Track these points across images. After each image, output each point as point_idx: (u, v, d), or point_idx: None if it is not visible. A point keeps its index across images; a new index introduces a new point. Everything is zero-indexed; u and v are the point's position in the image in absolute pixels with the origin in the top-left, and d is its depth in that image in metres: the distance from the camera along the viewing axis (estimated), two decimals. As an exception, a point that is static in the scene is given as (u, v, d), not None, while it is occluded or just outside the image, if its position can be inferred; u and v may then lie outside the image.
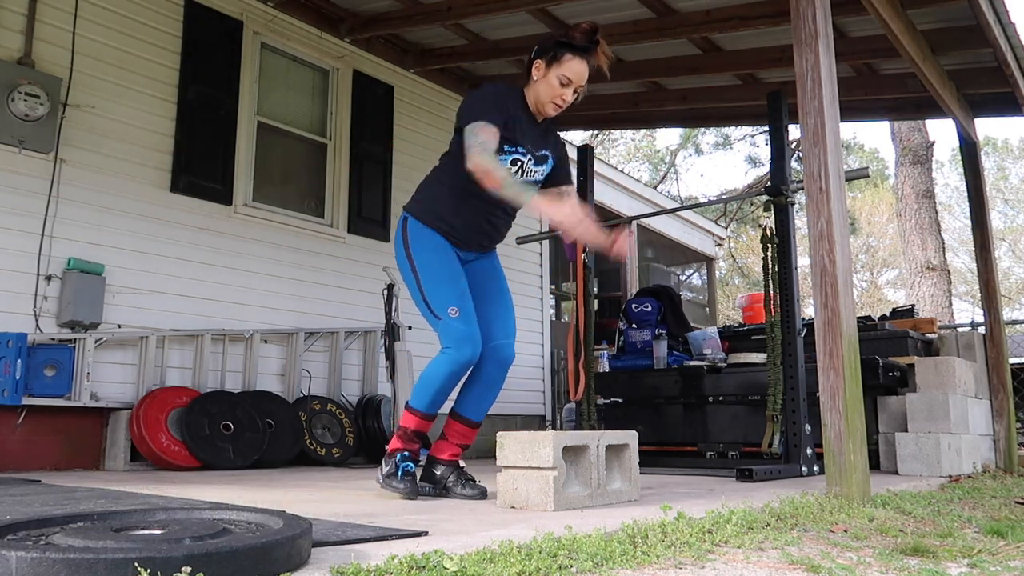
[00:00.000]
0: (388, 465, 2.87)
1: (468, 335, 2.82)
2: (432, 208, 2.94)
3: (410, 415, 2.91)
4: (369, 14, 6.16)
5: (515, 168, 2.89)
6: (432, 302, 2.86)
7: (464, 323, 2.82)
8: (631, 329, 6.02)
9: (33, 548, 1.27)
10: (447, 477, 2.92)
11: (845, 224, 3.18)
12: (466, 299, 2.87)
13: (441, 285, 2.86)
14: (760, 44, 5.97)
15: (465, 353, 2.81)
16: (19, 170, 4.48)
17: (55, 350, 4.41)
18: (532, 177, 2.98)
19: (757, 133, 20.33)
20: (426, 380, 2.87)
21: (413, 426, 2.90)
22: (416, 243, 2.92)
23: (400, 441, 2.91)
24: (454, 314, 2.82)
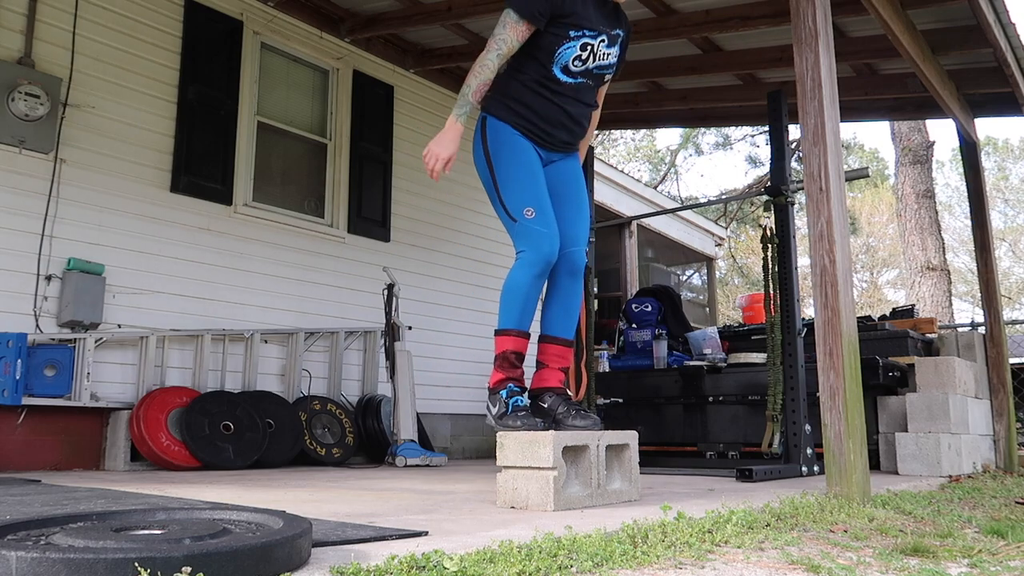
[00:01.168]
0: (496, 405, 2.70)
1: (545, 235, 2.71)
2: (510, 103, 2.83)
3: (504, 337, 2.75)
4: (369, 14, 6.16)
5: (586, 54, 2.78)
6: (508, 203, 2.75)
7: (541, 223, 2.71)
8: (631, 329, 6.02)
9: (33, 548, 1.27)
10: (556, 408, 2.74)
11: (845, 224, 3.18)
12: (543, 200, 2.76)
13: (518, 185, 2.75)
14: (760, 44, 5.97)
15: (543, 251, 2.69)
16: (19, 170, 4.48)
17: (55, 350, 4.41)
18: (606, 60, 2.86)
19: (757, 133, 20.33)
20: (510, 292, 2.73)
21: (511, 347, 2.74)
22: (495, 142, 2.81)
23: (501, 371, 2.75)
24: (530, 215, 2.71)
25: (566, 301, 2.89)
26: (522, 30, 2.72)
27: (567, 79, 2.80)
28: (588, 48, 2.78)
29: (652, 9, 5.57)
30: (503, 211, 2.77)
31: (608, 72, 2.92)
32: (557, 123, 2.85)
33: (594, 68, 2.84)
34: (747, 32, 5.64)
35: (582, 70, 2.81)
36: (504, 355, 2.75)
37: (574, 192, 2.96)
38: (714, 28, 5.61)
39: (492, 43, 2.72)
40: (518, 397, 2.70)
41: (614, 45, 2.88)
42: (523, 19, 2.71)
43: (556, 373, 2.84)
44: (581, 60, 2.78)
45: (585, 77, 2.84)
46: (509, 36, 2.71)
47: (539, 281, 2.73)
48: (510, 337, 2.75)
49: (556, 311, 2.89)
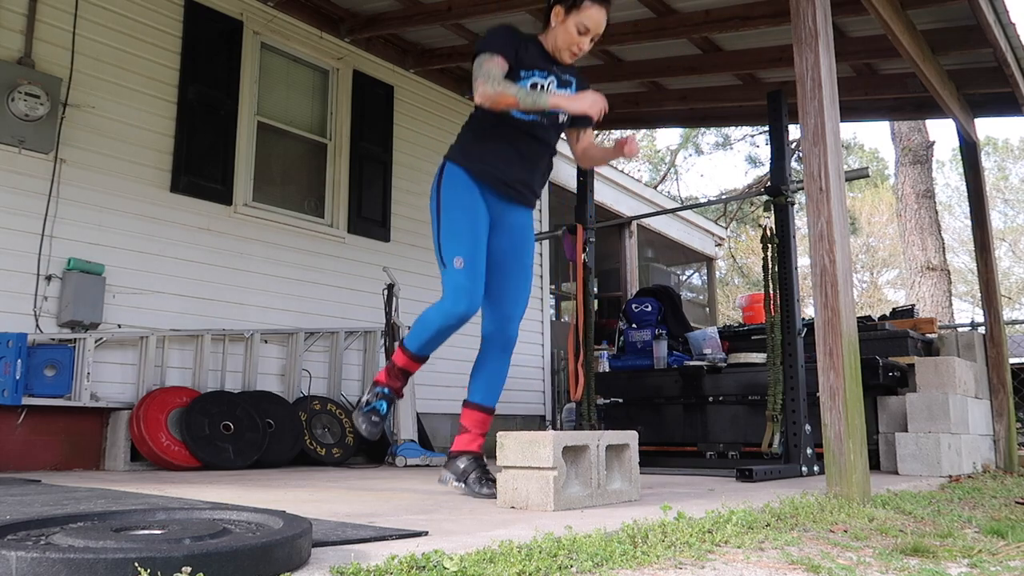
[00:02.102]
0: (368, 395, 2.95)
1: (467, 290, 2.80)
2: (466, 148, 2.94)
3: (401, 352, 2.95)
4: (369, 14, 6.16)
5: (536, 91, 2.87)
6: (444, 247, 2.86)
7: (466, 277, 2.80)
8: (631, 329, 6.02)
9: (33, 548, 1.27)
10: (470, 472, 2.92)
11: (845, 224, 3.18)
12: (477, 254, 2.84)
13: (456, 232, 2.85)
14: (760, 44, 5.97)
15: (460, 306, 2.80)
16: (19, 170, 4.48)
17: (55, 350, 4.41)
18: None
19: (757, 133, 20.33)
20: (421, 323, 2.90)
21: (401, 364, 2.96)
22: (448, 187, 2.90)
23: (386, 375, 2.97)
24: (459, 265, 2.80)
25: (494, 372, 3.05)
26: (499, 61, 2.80)
27: (520, 116, 2.89)
28: (538, 87, 2.89)
29: (652, 9, 5.57)
30: (438, 255, 2.89)
31: (562, 114, 2.99)
32: (512, 160, 2.92)
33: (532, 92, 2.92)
34: (747, 32, 5.64)
35: None
36: (393, 365, 2.98)
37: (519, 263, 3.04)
38: (714, 28, 5.61)
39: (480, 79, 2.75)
40: (384, 401, 2.93)
41: (565, 88, 2.99)
42: (496, 54, 2.80)
43: (477, 439, 3.01)
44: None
45: (538, 115, 2.92)
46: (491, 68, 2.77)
47: (449, 331, 2.89)
48: (407, 357, 2.96)
49: (482, 380, 3.05)
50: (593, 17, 2.86)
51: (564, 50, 2.92)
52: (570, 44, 2.90)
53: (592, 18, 2.86)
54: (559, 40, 2.90)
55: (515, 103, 2.74)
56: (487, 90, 2.72)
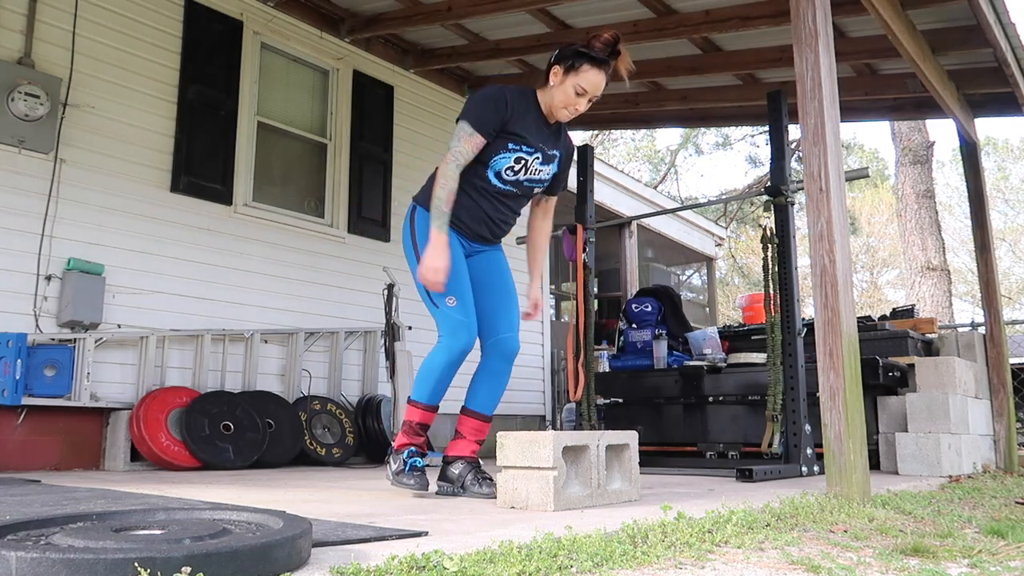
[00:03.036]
0: (396, 463, 2.92)
1: (464, 324, 2.88)
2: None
3: (413, 408, 2.97)
4: (369, 14, 6.16)
5: (519, 166, 2.94)
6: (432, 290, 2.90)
7: (461, 313, 2.88)
8: (631, 329, 6.02)
9: (33, 548, 1.27)
10: (465, 475, 2.94)
11: (845, 224, 3.18)
12: (464, 290, 2.92)
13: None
14: (760, 44, 5.97)
15: (460, 341, 2.87)
16: (19, 170, 4.48)
17: (55, 350, 4.41)
18: (538, 176, 3.01)
19: (757, 133, 20.34)
20: (425, 371, 2.93)
21: (417, 419, 2.96)
22: (421, 230, 2.97)
23: (406, 436, 2.96)
24: (451, 303, 2.87)
25: (494, 381, 3.08)
26: (476, 142, 2.87)
27: (498, 184, 2.96)
28: (522, 162, 2.95)
29: (652, 9, 5.57)
30: (427, 297, 2.93)
31: (538, 186, 3.08)
32: (479, 220, 3.01)
33: (524, 180, 2.99)
34: (747, 32, 5.64)
35: (513, 180, 2.97)
36: (411, 424, 2.98)
37: (501, 282, 3.13)
38: (714, 28, 5.61)
39: (450, 156, 2.87)
40: (416, 459, 2.92)
41: (549, 163, 3.04)
42: (476, 132, 2.86)
43: (471, 444, 3.04)
44: (513, 171, 2.95)
45: (514, 187, 2.99)
46: (464, 149, 2.87)
47: (453, 367, 2.93)
48: (419, 409, 2.97)
49: (482, 389, 3.08)
50: (591, 80, 2.87)
51: (560, 109, 2.94)
52: (567, 104, 2.91)
53: (590, 80, 2.87)
54: (556, 100, 2.92)
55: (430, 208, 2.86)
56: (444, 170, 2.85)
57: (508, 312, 3.08)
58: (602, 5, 5.58)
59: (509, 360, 3.07)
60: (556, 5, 5.48)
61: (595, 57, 2.85)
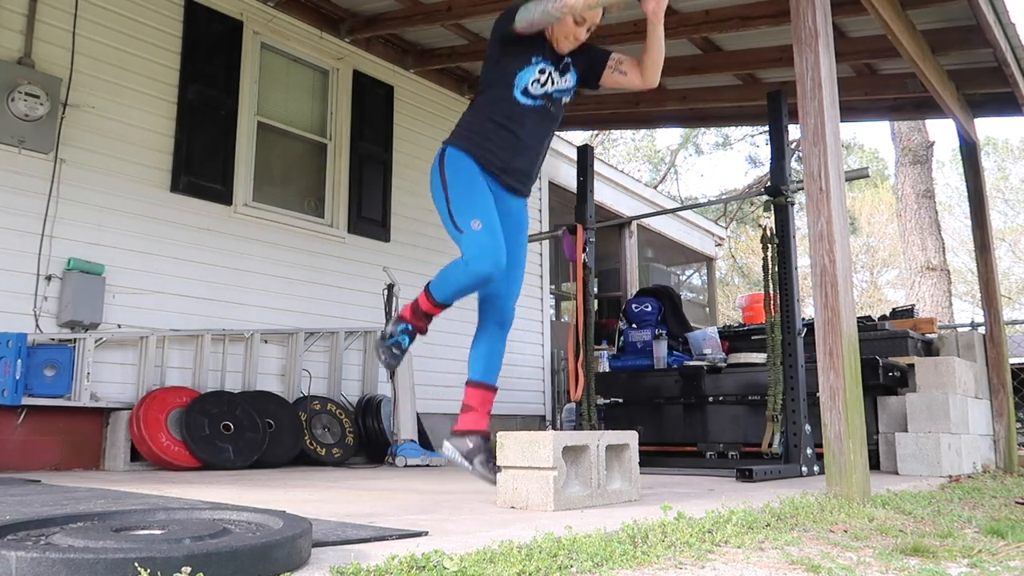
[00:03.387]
0: (391, 327, 2.92)
1: (489, 249, 2.76)
2: (469, 135, 2.96)
3: (425, 297, 2.91)
4: (369, 14, 6.16)
5: (544, 77, 2.93)
6: (457, 217, 2.84)
7: (487, 236, 2.77)
8: (631, 329, 6.02)
9: (33, 548, 1.27)
10: (477, 452, 2.88)
11: (845, 224, 3.18)
12: (492, 217, 2.83)
13: (468, 201, 2.85)
14: (760, 44, 5.97)
15: (484, 266, 2.74)
16: (19, 170, 4.48)
17: (55, 350, 4.41)
18: (564, 84, 3.00)
19: (757, 133, 20.34)
20: (444, 276, 2.85)
21: (425, 308, 2.91)
22: (452, 168, 2.93)
23: (411, 314, 2.93)
24: (477, 226, 2.78)
25: (492, 350, 3.04)
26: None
27: (527, 101, 2.93)
28: (546, 72, 2.94)
29: (652, 8, 5.56)
30: (452, 225, 2.87)
31: (566, 95, 3.05)
32: (514, 149, 2.95)
33: (552, 92, 2.97)
34: (747, 32, 5.64)
35: (541, 93, 2.94)
36: (418, 306, 2.92)
37: (517, 244, 3.08)
38: (714, 28, 5.61)
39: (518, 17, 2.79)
40: (407, 336, 2.92)
41: (566, 72, 3.03)
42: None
43: (483, 417, 2.99)
44: (540, 83, 2.93)
45: (544, 99, 2.96)
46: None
47: (472, 288, 2.84)
48: (430, 303, 2.90)
49: (482, 358, 3.04)
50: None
51: (562, 40, 2.94)
52: (567, 34, 2.92)
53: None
54: (557, 30, 2.92)
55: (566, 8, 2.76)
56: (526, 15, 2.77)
57: (513, 278, 3.03)
58: (602, 5, 5.58)
59: (505, 327, 3.03)
60: (556, 5, 5.48)
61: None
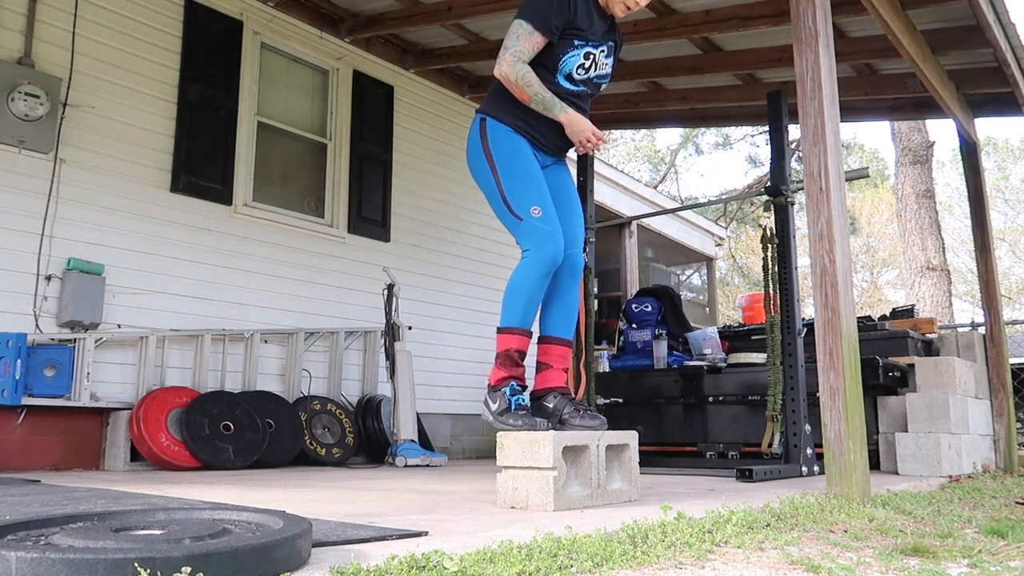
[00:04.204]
0: (496, 401, 2.68)
1: (551, 234, 2.71)
2: (509, 107, 2.84)
3: (506, 336, 2.74)
4: (369, 14, 6.16)
5: (588, 62, 2.84)
6: (513, 202, 2.75)
7: (547, 223, 2.71)
8: (631, 329, 6.02)
9: (33, 548, 1.27)
10: (562, 408, 2.74)
11: (845, 224, 3.18)
12: (548, 200, 2.76)
13: (523, 184, 2.76)
14: (760, 44, 5.97)
15: (550, 251, 2.68)
16: (19, 170, 4.48)
17: (55, 350, 4.41)
18: (604, 71, 2.93)
19: (757, 133, 20.34)
20: (514, 290, 2.72)
21: (515, 345, 2.73)
22: (496, 142, 2.81)
23: (503, 369, 2.72)
24: (536, 213, 2.71)
25: (567, 302, 2.91)
26: (536, 41, 2.75)
27: (570, 86, 2.86)
28: (591, 57, 2.85)
29: (652, 9, 5.57)
30: (507, 210, 2.76)
31: (605, 81, 3.00)
32: (551, 127, 2.87)
33: (594, 77, 2.91)
34: (747, 32, 5.64)
35: (584, 79, 2.87)
36: (507, 353, 2.73)
37: (570, 196, 3.00)
38: (714, 28, 5.61)
39: (508, 55, 2.73)
40: (520, 396, 2.69)
41: (610, 56, 2.96)
42: (537, 31, 2.74)
43: (559, 373, 2.84)
44: (584, 69, 2.84)
45: (585, 85, 2.91)
46: (524, 47, 2.73)
47: (544, 281, 2.73)
48: (513, 335, 2.73)
49: (558, 312, 2.90)
50: None
51: (618, 3, 2.86)
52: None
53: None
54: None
55: (528, 100, 2.73)
56: (511, 72, 2.71)
57: (576, 228, 2.94)
58: (602, 5, 5.58)
59: (576, 276, 2.92)
60: (556, 5, 5.48)
61: None
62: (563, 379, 2.84)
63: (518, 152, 2.81)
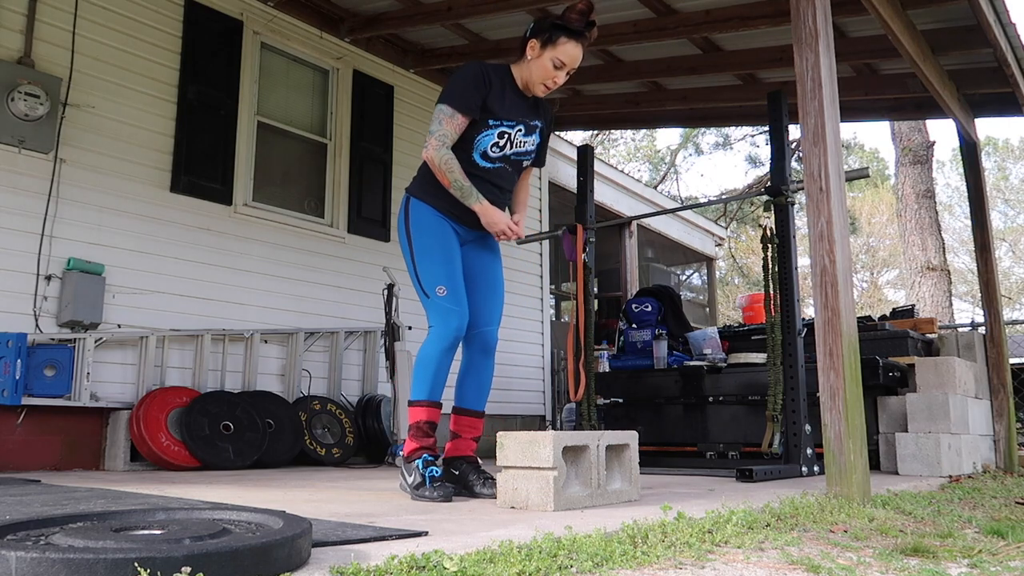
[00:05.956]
0: (411, 475, 2.83)
1: (454, 312, 2.88)
2: (430, 187, 2.98)
3: (416, 408, 2.91)
4: (369, 14, 6.16)
5: (503, 141, 2.93)
6: (423, 279, 2.91)
7: (451, 302, 2.88)
8: (631, 329, 6.02)
9: (33, 548, 1.27)
10: (468, 475, 2.93)
11: (845, 224, 3.18)
12: (456, 279, 2.91)
13: (432, 264, 2.91)
14: (760, 44, 5.97)
15: (452, 325, 2.86)
16: (19, 170, 4.48)
17: (55, 350, 4.41)
18: (524, 147, 3.01)
19: (757, 133, 20.33)
20: (422, 364, 2.90)
21: (424, 417, 2.90)
22: (416, 222, 2.97)
23: (415, 440, 2.89)
24: (441, 292, 2.87)
25: (478, 376, 3.08)
26: (459, 123, 2.86)
27: (485, 164, 2.96)
28: (506, 136, 2.95)
29: (652, 9, 5.57)
30: (418, 286, 2.93)
31: (526, 159, 3.08)
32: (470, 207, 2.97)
33: (511, 155, 2.99)
34: (747, 32, 5.64)
35: (500, 156, 2.96)
36: (418, 425, 2.91)
37: (490, 273, 3.12)
38: (714, 28, 5.61)
39: (434, 140, 2.86)
40: (433, 468, 2.82)
41: (532, 134, 3.04)
42: (459, 113, 2.85)
43: (469, 443, 3.04)
44: (499, 147, 2.95)
45: (503, 162, 2.99)
46: (448, 131, 2.86)
47: (448, 354, 2.90)
48: (422, 408, 2.91)
49: (469, 385, 3.07)
50: (569, 52, 2.87)
51: (538, 84, 2.94)
52: (544, 79, 2.91)
53: (568, 53, 2.87)
54: (534, 74, 2.92)
55: (448, 185, 2.85)
56: (436, 156, 2.84)
57: (491, 306, 3.08)
58: (602, 5, 5.58)
59: (489, 353, 3.07)
60: (555, 5, 5.48)
61: (572, 29, 2.85)
62: (472, 448, 3.04)
63: (433, 231, 2.95)
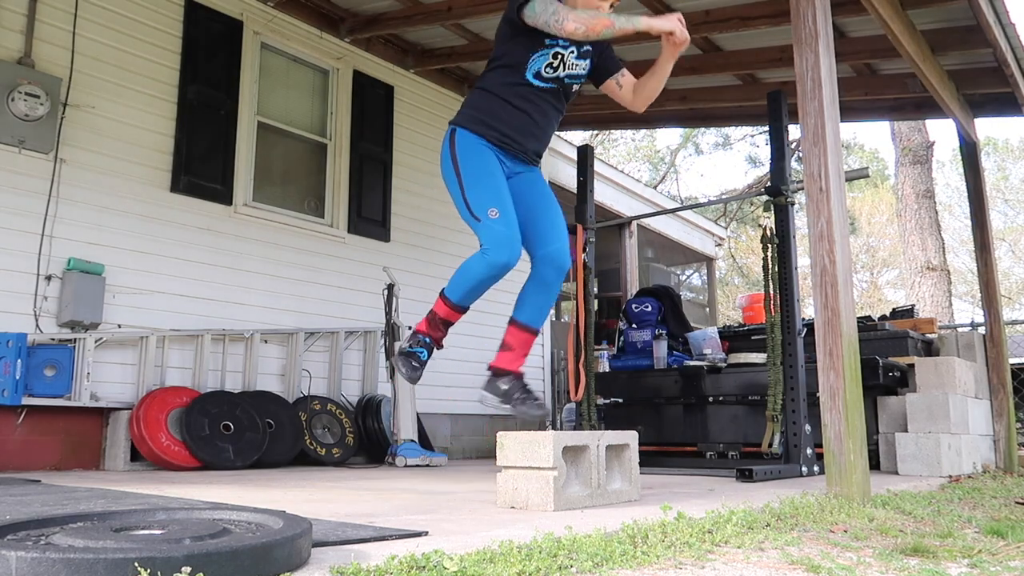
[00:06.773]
0: (409, 342, 2.92)
1: (507, 238, 2.74)
2: (479, 115, 2.92)
3: (442, 303, 2.88)
4: (369, 14, 6.16)
5: (557, 61, 2.90)
6: (472, 203, 2.81)
7: (504, 224, 2.75)
8: (631, 329, 6.02)
9: (33, 548, 1.27)
10: (514, 392, 2.85)
11: (845, 224, 3.18)
12: (507, 203, 2.81)
13: (483, 187, 2.82)
14: (760, 44, 5.97)
15: (502, 256, 2.73)
16: (19, 170, 4.48)
17: (55, 350, 4.41)
18: (575, 71, 2.98)
19: (757, 133, 20.34)
20: (462, 274, 2.82)
21: (443, 314, 2.89)
22: (463, 150, 2.89)
23: (427, 325, 2.92)
24: (494, 215, 2.76)
25: (543, 293, 2.96)
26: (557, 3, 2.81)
27: (538, 83, 2.91)
28: (559, 57, 2.91)
29: (652, 9, 5.57)
30: (467, 211, 2.82)
31: (577, 82, 3.04)
32: (524, 131, 2.93)
33: (564, 76, 2.95)
34: (747, 32, 5.64)
35: (553, 77, 2.92)
36: (435, 315, 2.91)
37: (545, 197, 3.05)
38: (714, 28, 5.61)
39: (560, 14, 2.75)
40: (425, 349, 2.92)
41: (584, 59, 3.01)
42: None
43: (519, 359, 2.94)
44: (552, 68, 2.90)
45: (555, 83, 2.95)
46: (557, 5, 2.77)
47: (491, 280, 2.80)
48: (447, 307, 2.89)
49: (532, 300, 2.96)
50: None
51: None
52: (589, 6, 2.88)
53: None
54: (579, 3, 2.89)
55: (611, 25, 2.75)
56: (577, 18, 2.73)
57: (556, 225, 2.98)
58: (602, 5, 5.58)
59: (561, 272, 2.96)
60: (556, 5, 5.48)
61: None
62: (520, 364, 2.95)
63: (482, 159, 2.88)
